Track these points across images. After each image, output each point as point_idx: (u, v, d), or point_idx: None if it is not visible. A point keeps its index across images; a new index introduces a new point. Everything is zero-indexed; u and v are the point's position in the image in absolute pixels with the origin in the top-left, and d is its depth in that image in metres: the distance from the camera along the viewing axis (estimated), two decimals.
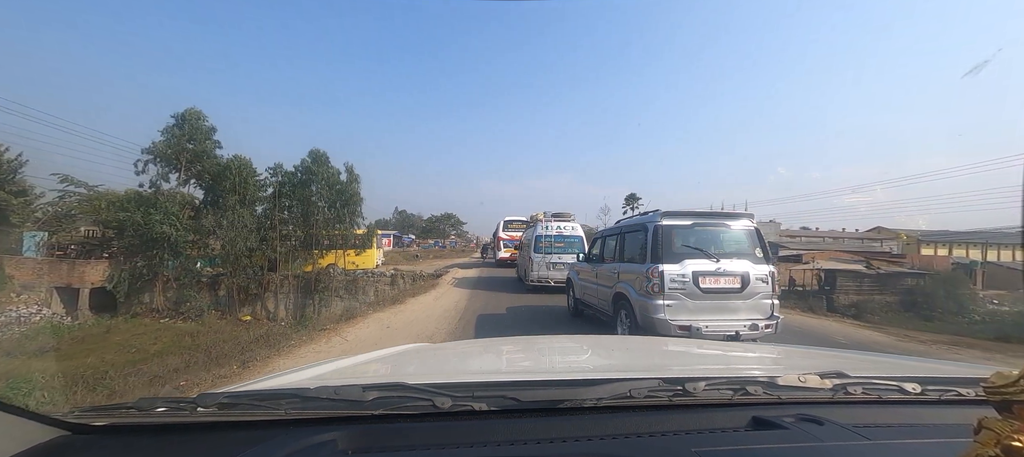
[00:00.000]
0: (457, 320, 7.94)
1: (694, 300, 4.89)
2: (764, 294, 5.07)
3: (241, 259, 16.06)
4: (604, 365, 1.65)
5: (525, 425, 0.85)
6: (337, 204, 17.87)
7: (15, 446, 0.72)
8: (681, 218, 5.26)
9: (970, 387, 1.00)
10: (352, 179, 18.37)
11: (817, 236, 47.92)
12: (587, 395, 0.92)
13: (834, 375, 1.02)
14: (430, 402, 0.87)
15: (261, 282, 16.81)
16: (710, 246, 5.14)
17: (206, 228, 16.48)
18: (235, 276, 16.21)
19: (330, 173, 17.86)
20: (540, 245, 11.68)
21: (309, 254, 17.72)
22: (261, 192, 18.39)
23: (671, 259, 4.95)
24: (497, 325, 7.44)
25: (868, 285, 25.79)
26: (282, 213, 17.71)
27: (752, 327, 4.88)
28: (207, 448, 0.79)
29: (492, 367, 1.61)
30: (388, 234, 57.82)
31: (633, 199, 59.83)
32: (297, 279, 17.39)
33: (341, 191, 17.93)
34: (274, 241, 16.95)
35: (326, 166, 17.86)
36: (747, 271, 5.03)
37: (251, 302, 16.93)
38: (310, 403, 0.87)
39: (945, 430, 0.86)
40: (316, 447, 0.76)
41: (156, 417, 0.85)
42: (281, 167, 18.39)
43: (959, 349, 6.72)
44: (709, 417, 0.91)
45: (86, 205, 19.88)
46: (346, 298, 16.75)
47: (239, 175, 17.32)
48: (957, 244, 43.48)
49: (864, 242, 45.40)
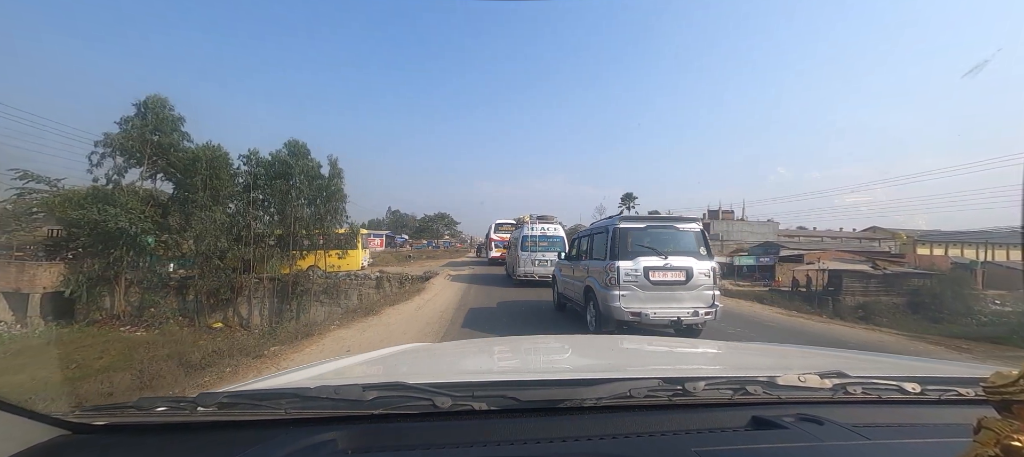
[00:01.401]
0: (441, 335, 6.80)
1: (645, 291, 5.60)
2: (706, 286, 5.72)
3: (211, 260, 14.70)
4: (604, 365, 1.64)
5: (525, 425, 0.85)
6: (317, 201, 16.57)
7: (15, 445, 0.72)
8: (636, 222, 6.14)
9: (970, 387, 0.99)
10: (335, 174, 17.05)
11: (815, 236, 47.49)
12: (587, 395, 0.92)
13: (834, 375, 1.02)
14: (430, 402, 0.87)
15: (233, 286, 15.41)
16: (660, 245, 5.82)
17: (173, 227, 15.10)
18: (205, 279, 14.83)
19: (310, 166, 16.50)
20: (526, 244, 13.05)
21: (287, 255, 16.37)
22: (235, 184, 16.81)
23: (626, 256, 5.68)
24: (489, 319, 7.77)
25: (875, 286, 25.01)
26: (256, 209, 16.34)
27: (694, 313, 5.62)
28: (207, 448, 0.79)
29: (492, 367, 1.61)
30: (380, 234, 56.97)
31: (629, 198, 59.27)
32: (274, 282, 16.05)
33: (322, 187, 16.62)
34: (248, 240, 15.59)
35: (305, 158, 16.50)
36: (691, 266, 5.71)
37: (222, 307, 15.54)
38: (310, 403, 0.87)
39: (945, 430, 0.86)
40: (316, 447, 0.76)
41: (156, 416, 0.85)
42: (256, 154, 16.73)
43: (979, 353, 6.25)
44: (709, 417, 0.90)
45: (44, 204, 18.35)
46: (327, 303, 15.49)
47: (210, 167, 15.88)
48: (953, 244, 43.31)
49: (862, 242, 45.07)
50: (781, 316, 10.78)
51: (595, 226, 7.11)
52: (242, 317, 15.69)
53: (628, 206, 59.63)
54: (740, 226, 45.99)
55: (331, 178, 17.06)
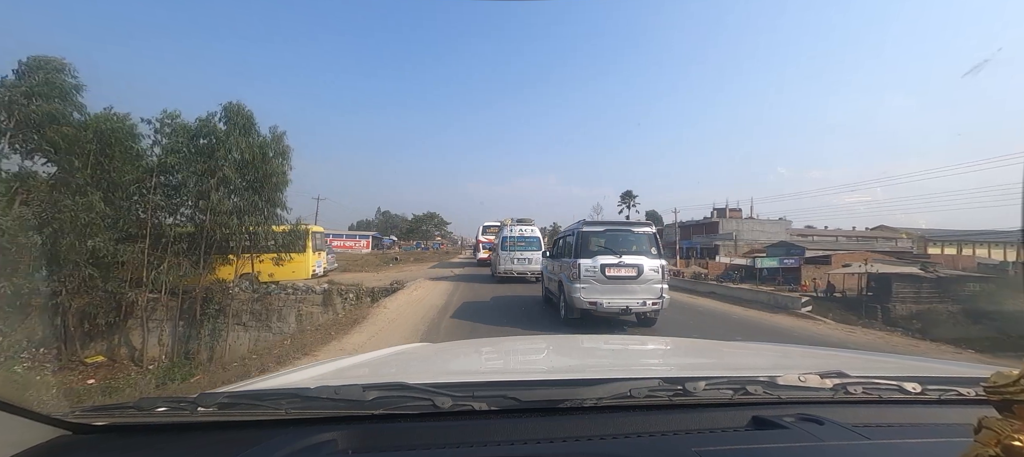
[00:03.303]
0: None
1: (601, 284, 6.58)
2: (655, 280, 6.66)
3: (81, 268, 10.40)
4: (604, 365, 1.65)
5: (525, 425, 0.85)
6: (250, 189, 12.30)
7: (15, 445, 0.72)
8: (597, 226, 7.30)
9: (970, 387, 0.99)
10: (279, 152, 12.64)
11: (828, 235, 44.55)
12: (587, 395, 0.91)
13: (834, 375, 1.02)
14: (430, 402, 0.87)
15: (119, 304, 11.11)
16: (617, 246, 6.88)
17: (33, 221, 10.74)
18: (75, 295, 10.53)
19: (251, 145, 12.09)
20: (505, 244, 14.21)
21: (205, 260, 12.01)
22: (141, 165, 12.36)
23: (587, 255, 6.76)
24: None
25: (927, 292, 21.60)
26: (162, 196, 11.97)
27: (643, 304, 6.65)
28: (207, 448, 0.79)
29: (492, 367, 1.60)
30: (367, 235, 53.13)
31: (629, 197, 56.27)
32: (184, 297, 11.77)
33: (256, 167, 12.20)
34: (142, 238, 11.29)
35: (249, 135, 12.05)
36: (642, 264, 6.65)
37: (107, 334, 11.27)
38: (310, 403, 0.86)
39: (945, 430, 0.86)
40: (316, 447, 0.76)
41: (157, 417, 0.84)
42: (175, 117, 12.23)
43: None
44: (709, 417, 0.90)
45: None
46: (255, 326, 11.37)
47: (101, 141, 11.62)
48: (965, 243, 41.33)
49: (877, 242, 42.58)
50: (846, 333, 8.23)
51: (568, 229, 8.21)
52: (133, 348, 11.36)
53: (628, 205, 56.48)
54: (751, 225, 42.68)
55: (273, 157, 12.69)
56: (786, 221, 43.76)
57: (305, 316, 11.48)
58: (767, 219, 43.95)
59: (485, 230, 22.41)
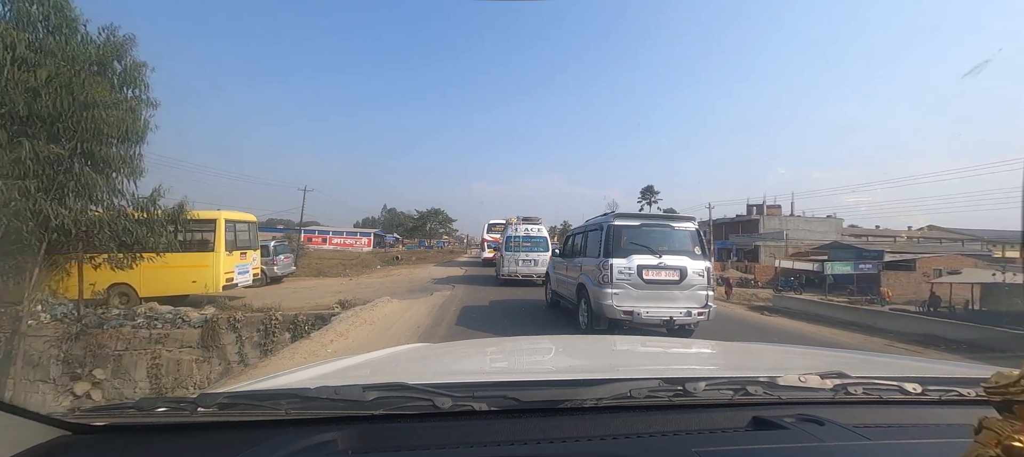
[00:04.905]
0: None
1: (638, 289, 5.65)
2: (700, 286, 5.76)
3: None
4: (604, 365, 1.63)
5: (525, 425, 0.85)
6: (64, 129, 6.58)
7: (15, 446, 0.71)
8: (631, 219, 6.19)
9: (971, 387, 0.97)
10: (129, 79, 7.39)
11: (886, 235, 38.95)
12: (587, 395, 0.90)
13: (834, 375, 1.00)
14: (430, 402, 0.86)
15: None
16: (655, 244, 5.86)
17: None
18: None
19: (72, 51, 6.66)
20: (510, 245, 13.63)
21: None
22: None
23: (620, 254, 5.75)
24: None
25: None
26: None
27: (687, 314, 5.68)
28: (207, 448, 0.78)
29: (492, 367, 1.58)
30: (367, 233, 49.10)
31: (650, 192, 51.38)
32: None
33: (67, 94, 6.52)
34: None
35: (70, 34, 6.65)
36: (685, 265, 5.75)
37: None
38: (310, 403, 0.85)
39: (946, 430, 0.85)
40: (316, 447, 0.75)
41: (156, 417, 0.83)
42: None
43: None
44: (709, 417, 0.89)
45: None
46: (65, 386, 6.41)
47: None
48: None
49: (941, 243, 37.32)
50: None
51: (590, 223, 7.15)
52: None
53: (648, 200, 51.50)
54: (797, 223, 37.19)
55: (114, 86, 7.26)
56: (837, 219, 38.31)
57: (166, 366, 6.59)
58: (813, 217, 38.37)
59: (490, 228, 21.31)
